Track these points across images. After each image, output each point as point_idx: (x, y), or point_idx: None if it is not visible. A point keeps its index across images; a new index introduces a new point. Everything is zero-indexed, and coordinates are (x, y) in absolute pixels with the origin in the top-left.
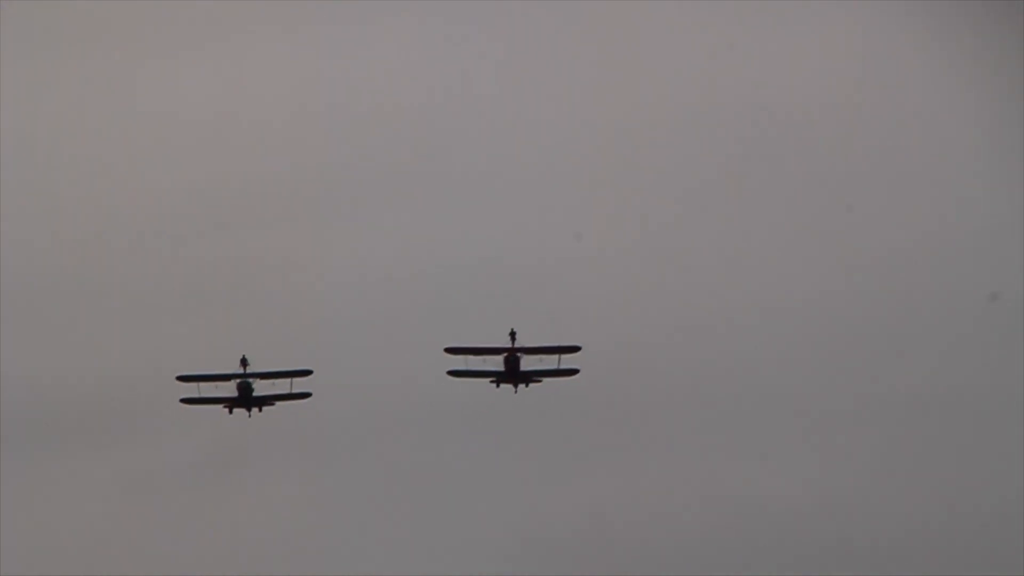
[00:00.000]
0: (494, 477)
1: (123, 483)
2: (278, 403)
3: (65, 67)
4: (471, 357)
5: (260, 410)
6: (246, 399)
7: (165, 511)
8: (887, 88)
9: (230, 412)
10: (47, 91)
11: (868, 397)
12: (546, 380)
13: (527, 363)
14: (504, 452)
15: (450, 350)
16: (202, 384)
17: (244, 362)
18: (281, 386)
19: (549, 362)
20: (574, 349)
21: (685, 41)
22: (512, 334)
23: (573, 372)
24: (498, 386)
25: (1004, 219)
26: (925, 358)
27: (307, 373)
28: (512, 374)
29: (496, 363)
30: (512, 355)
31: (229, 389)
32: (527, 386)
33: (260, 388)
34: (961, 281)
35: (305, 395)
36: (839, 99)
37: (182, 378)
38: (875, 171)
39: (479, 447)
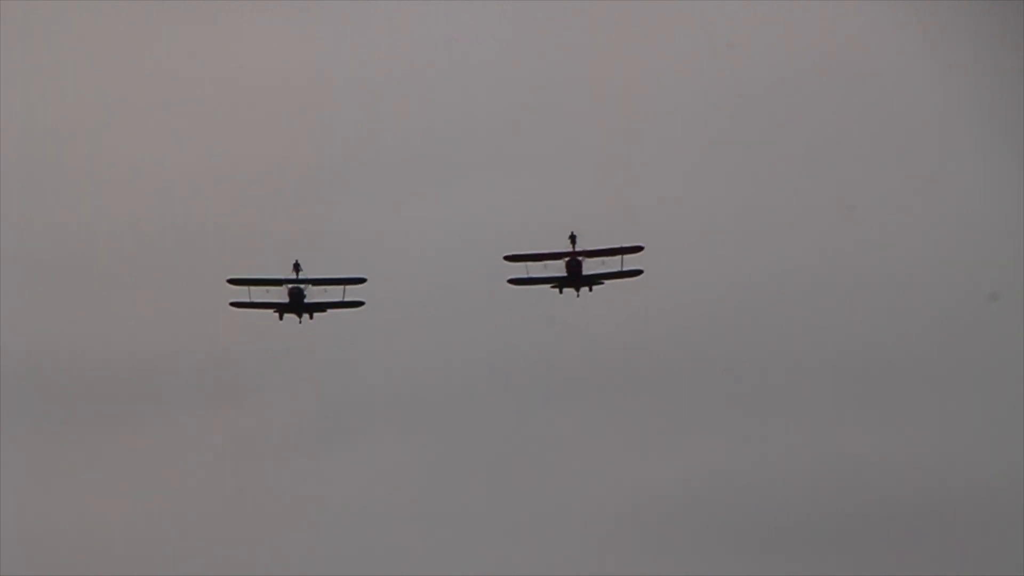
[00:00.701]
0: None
1: (228, 448)
2: (331, 311)
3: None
4: (531, 264)
5: (311, 317)
6: (297, 305)
7: (269, 476)
8: (887, 87)
9: (280, 318)
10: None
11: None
12: (608, 282)
13: (589, 266)
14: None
15: (509, 258)
16: (253, 289)
17: (297, 267)
18: (334, 294)
19: (612, 264)
20: (637, 249)
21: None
22: (572, 237)
23: (637, 273)
24: (560, 292)
25: (1004, 219)
26: (925, 358)
27: (361, 281)
28: (574, 278)
29: (557, 268)
30: (573, 259)
31: (280, 295)
32: (590, 290)
33: (312, 295)
34: (961, 281)
35: (358, 303)
36: (838, 98)
37: (233, 281)
38: (875, 170)
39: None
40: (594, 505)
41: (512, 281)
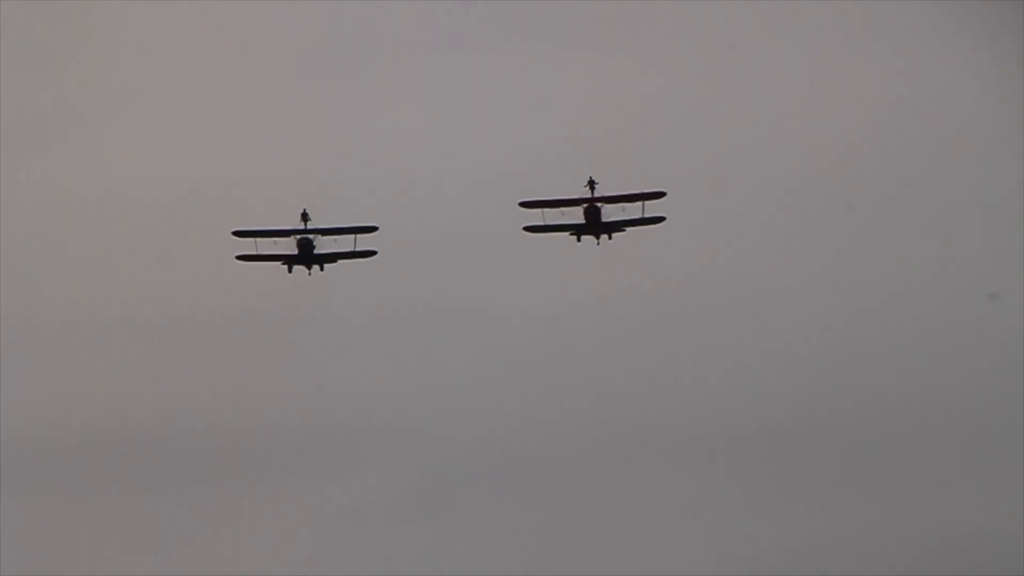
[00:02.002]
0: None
1: (331, 517)
2: (341, 261)
3: None
4: (548, 210)
5: (322, 268)
6: (307, 256)
7: (371, 546)
8: (887, 87)
9: (289, 271)
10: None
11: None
12: (630, 230)
13: (609, 213)
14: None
15: (525, 204)
16: (260, 241)
17: (305, 217)
18: (344, 243)
19: (632, 211)
20: (659, 195)
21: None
22: (591, 183)
23: (659, 220)
24: (579, 239)
25: (1004, 219)
26: (925, 358)
27: (372, 229)
28: (593, 225)
29: (575, 215)
30: (592, 205)
31: (288, 246)
32: (610, 237)
33: (322, 245)
34: (961, 281)
35: (370, 253)
36: (837, 97)
37: (238, 233)
38: (875, 170)
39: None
40: None
41: (528, 228)
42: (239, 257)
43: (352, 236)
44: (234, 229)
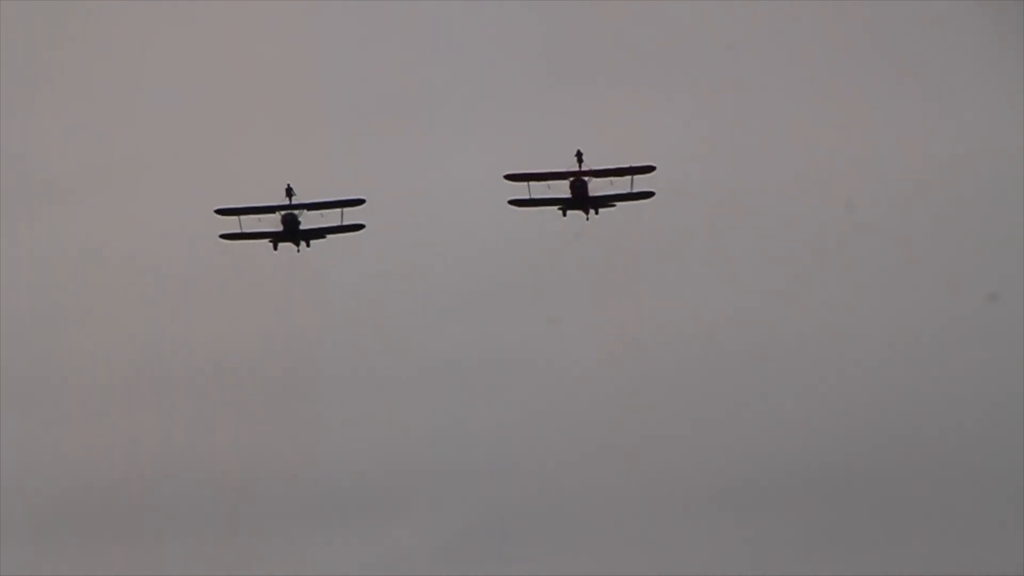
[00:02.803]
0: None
1: (374, 564)
2: (329, 235)
3: None
4: (534, 184)
5: (308, 244)
6: (292, 232)
7: None
8: (886, 87)
9: (275, 248)
10: None
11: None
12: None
13: (596, 187)
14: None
15: (510, 177)
16: (244, 219)
17: (289, 192)
18: (331, 218)
19: (621, 185)
20: (648, 169)
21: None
22: (579, 156)
23: (648, 195)
24: (565, 214)
25: (1004, 219)
26: (924, 358)
27: (359, 202)
28: (580, 200)
29: (562, 189)
30: (579, 179)
31: (273, 223)
32: (597, 212)
33: (308, 220)
34: (961, 281)
35: (358, 226)
36: (836, 97)
37: (221, 211)
38: (874, 171)
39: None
40: None
41: (513, 202)
42: (223, 236)
43: (339, 210)
44: (216, 208)
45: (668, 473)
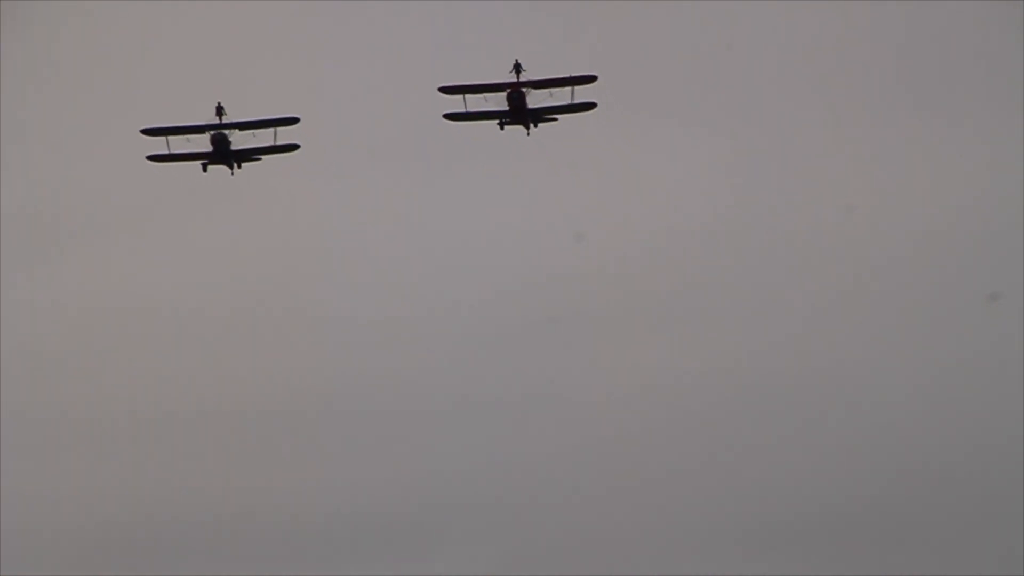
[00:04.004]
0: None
1: None
2: (263, 157)
3: None
4: (470, 96)
5: (240, 167)
6: (223, 153)
7: None
8: (886, 86)
9: (205, 170)
10: None
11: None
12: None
13: (535, 99)
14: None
15: (445, 89)
16: (172, 139)
17: (220, 111)
18: (264, 138)
19: (561, 97)
20: (590, 79)
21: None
22: (516, 66)
23: (590, 107)
24: (502, 128)
25: (1004, 219)
26: (924, 358)
27: (293, 121)
28: (519, 112)
29: (499, 101)
30: (516, 90)
31: (203, 144)
32: (536, 126)
33: (239, 140)
34: (961, 281)
35: (292, 147)
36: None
37: (147, 131)
38: (874, 171)
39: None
40: None
41: (448, 116)
42: (149, 157)
43: (272, 130)
44: (143, 127)
45: (704, 510)
